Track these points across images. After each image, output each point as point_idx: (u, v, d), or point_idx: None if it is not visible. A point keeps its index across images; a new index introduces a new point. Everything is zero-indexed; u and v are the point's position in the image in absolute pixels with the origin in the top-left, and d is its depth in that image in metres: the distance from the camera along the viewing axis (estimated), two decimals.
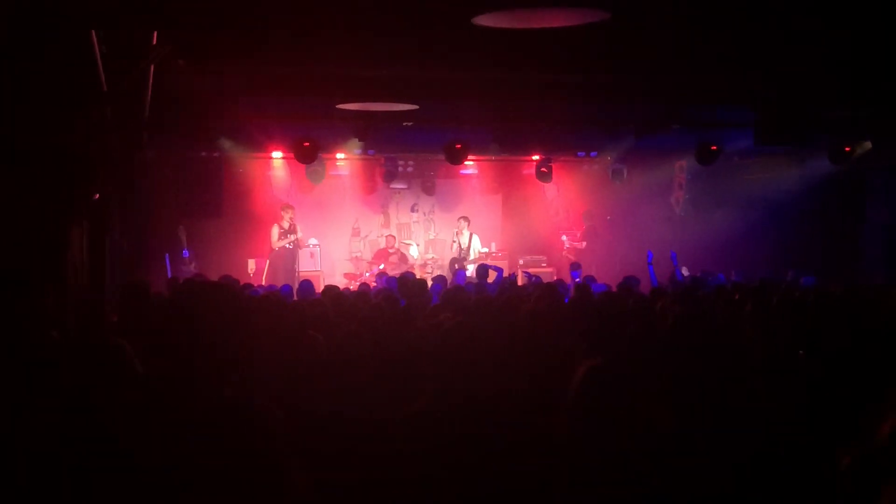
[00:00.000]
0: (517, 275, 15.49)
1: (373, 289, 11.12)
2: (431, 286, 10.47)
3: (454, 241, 16.84)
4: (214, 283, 8.73)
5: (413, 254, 17.29)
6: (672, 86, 11.07)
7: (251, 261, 15.96)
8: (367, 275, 15.88)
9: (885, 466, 2.34)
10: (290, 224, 15.65)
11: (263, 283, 13.97)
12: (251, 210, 16.07)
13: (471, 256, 16.56)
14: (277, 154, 15.55)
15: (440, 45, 8.75)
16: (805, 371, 4.76)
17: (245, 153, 15.14)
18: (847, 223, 15.80)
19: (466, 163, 15.84)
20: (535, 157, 16.09)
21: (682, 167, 16.95)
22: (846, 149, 13.91)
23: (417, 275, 14.19)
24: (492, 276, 12.23)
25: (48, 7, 5.93)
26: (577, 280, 12.76)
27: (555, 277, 14.97)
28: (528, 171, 17.00)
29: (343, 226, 17.53)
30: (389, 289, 9.70)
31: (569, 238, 17.86)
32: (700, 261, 14.58)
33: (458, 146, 13.80)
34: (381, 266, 16.07)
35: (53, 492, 2.81)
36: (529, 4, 7.47)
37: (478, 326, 4.27)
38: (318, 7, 7.16)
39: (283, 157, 15.74)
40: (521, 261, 17.05)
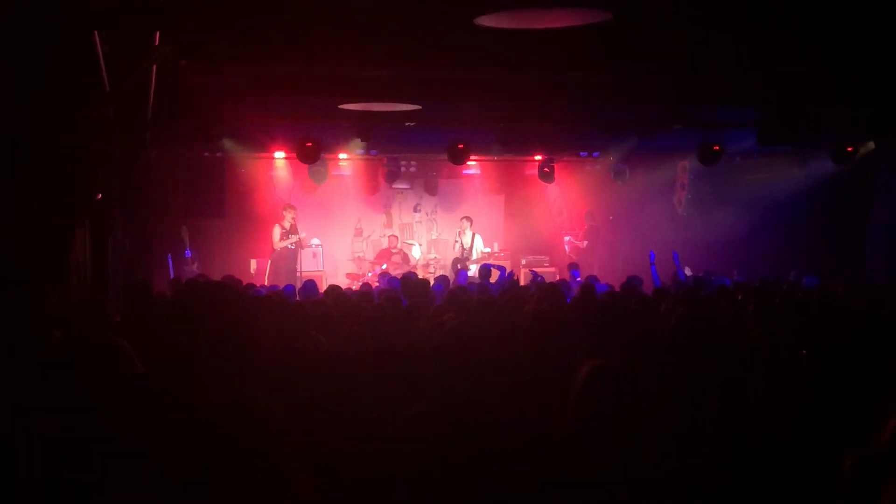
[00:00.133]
0: (514, 273, 15.47)
1: (375, 289, 11.12)
2: (433, 286, 10.46)
3: (457, 241, 16.84)
4: (217, 284, 8.73)
5: (415, 254, 17.29)
6: (674, 86, 11.06)
7: (253, 261, 15.98)
8: (370, 275, 15.88)
9: (887, 467, 2.34)
10: (292, 224, 15.65)
11: (266, 284, 13.97)
12: (254, 210, 16.08)
13: (473, 256, 16.56)
14: (280, 154, 15.56)
15: (442, 46, 8.75)
16: (807, 371, 4.75)
17: (248, 153, 15.15)
18: (850, 223, 15.78)
19: (469, 163, 15.84)
20: (538, 158, 16.09)
21: (685, 167, 16.93)
22: (849, 149, 13.90)
23: (420, 275, 14.19)
24: (494, 276, 12.22)
25: (50, 7, 5.93)
26: (578, 279, 12.76)
27: (557, 277, 14.98)
28: (531, 172, 17.00)
29: (345, 226, 17.53)
30: (392, 289, 9.71)
31: (572, 239, 17.86)
32: (702, 261, 14.56)
33: (461, 146, 13.80)
34: (384, 266, 16.07)
35: (54, 492, 2.82)
36: (531, 5, 7.48)
37: (480, 326, 4.27)
38: (321, 7, 7.16)
39: (286, 158, 15.74)
40: (524, 261, 17.04)
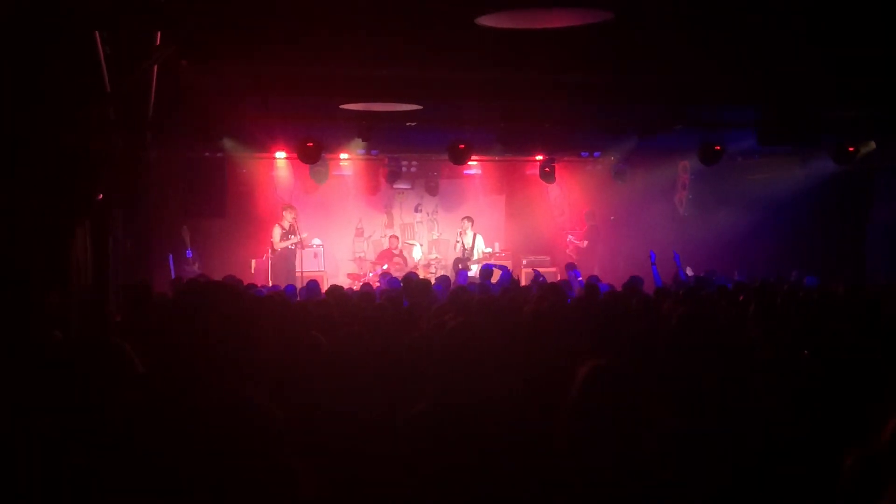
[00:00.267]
0: (511, 273, 15.47)
1: (376, 289, 11.12)
2: (433, 286, 10.47)
3: (458, 242, 16.84)
4: (218, 284, 8.71)
5: (416, 254, 17.29)
6: (675, 86, 11.06)
7: (253, 261, 15.98)
8: (371, 275, 15.88)
9: (888, 467, 2.34)
10: (291, 224, 15.66)
11: (270, 283, 13.98)
12: (255, 210, 16.08)
13: (474, 257, 16.56)
14: (281, 154, 15.55)
15: (444, 46, 8.75)
16: (808, 371, 4.75)
17: (248, 153, 15.15)
18: (850, 223, 15.78)
19: (470, 163, 15.85)
20: (539, 158, 16.09)
21: (686, 167, 16.94)
22: (850, 149, 13.89)
23: (421, 275, 14.19)
24: (496, 276, 12.22)
25: (50, 7, 5.94)
26: (580, 279, 12.75)
27: (559, 277, 14.98)
28: (532, 172, 17.01)
29: (346, 226, 17.52)
30: (393, 289, 9.71)
31: (574, 238, 17.87)
32: (704, 261, 14.57)
33: (462, 146, 13.79)
34: (385, 266, 16.07)
35: (54, 492, 2.82)
36: (532, 5, 7.48)
37: (481, 326, 4.26)
38: (321, 7, 7.16)
39: (287, 158, 15.73)
40: (525, 261, 17.04)
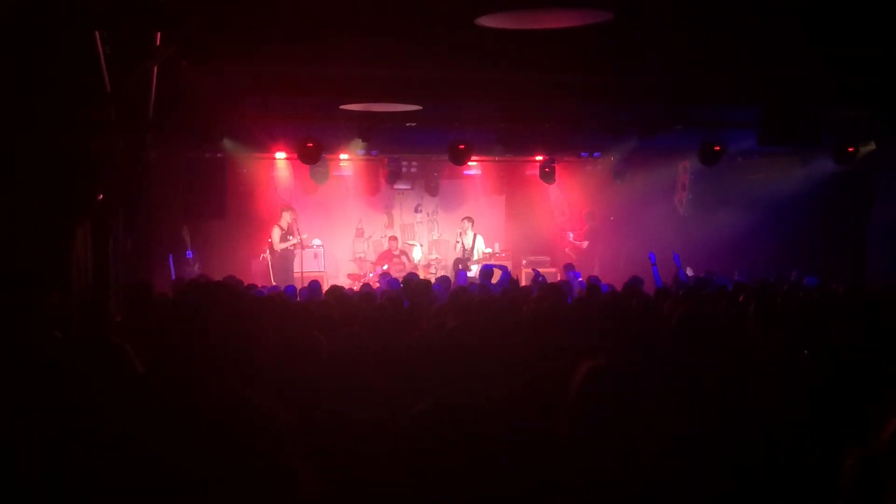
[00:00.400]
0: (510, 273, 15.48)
1: (377, 289, 11.12)
2: (433, 287, 10.47)
3: (458, 242, 16.85)
4: (218, 284, 8.73)
5: (416, 255, 17.29)
6: (675, 86, 11.06)
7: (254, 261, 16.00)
8: (371, 275, 15.89)
9: (888, 467, 2.34)
10: (289, 225, 15.68)
11: (273, 284, 13.97)
12: (255, 211, 16.08)
13: (474, 257, 16.57)
14: (281, 155, 15.55)
15: (443, 46, 8.75)
16: (808, 371, 4.75)
17: (249, 154, 15.14)
18: (850, 223, 15.78)
19: (470, 163, 15.85)
20: (539, 158, 16.09)
21: (686, 167, 16.94)
22: (850, 149, 13.89)
23: (421, 275, 14.19)
24: (496, 276, 12.22)
25: (50, 7, 5.94)
26: (580, 280, 12.76)
27: (558, 277, 14.98)
28: (532, 172, 17.01)
29: (347, 226, 17.53)
30: (393, 290, 9.71)
31: (574, 234, 17.88)
32: (704, 261, 14.57)
33: (462, 147, 13.79)
34: (385, 267, 16.08)
35: (54, 492, 2.82)
36: (532, 5, 7.48)
37: (480, 327, 4.27)
38: (321, 7, 7.16)
39: (287, 158, 15.73)
40: (525, 261, 17.05)
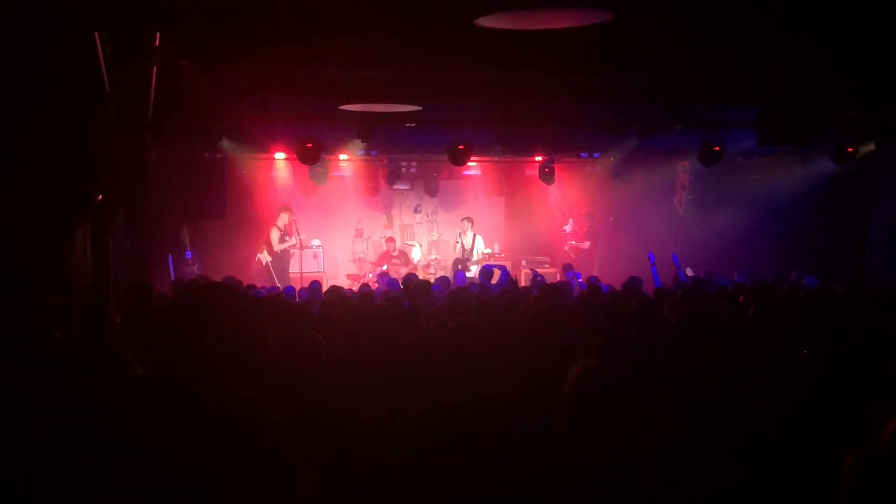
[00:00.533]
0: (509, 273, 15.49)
1: (376, 290, 11.13)
2: (432, 287, 10.48)
3: (457, 242, 16.86)
4: (218, 284, 8.72)
5: (416, 255, 17.30)
6: (675, 86, 11.07)
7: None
8: (371, 276, 15.89)
9: (888, 468, 2.34)
10: (286, 225, 15.69)
11: (278, 285, 13.97)
12: (254, 211, 16.09)
13: (474, 257, 16.57)
14: (280, 155, 15.56)
15: (443, 47, 8.75)
16: (808, 371, 4.75)
17: (248, 154, 15.14)
18: (850, 223, 15.78)
19: (469, 164, 15.85)
20: (538, 158, 16.10)
21: (685, 168, 16.94)
22: (849, 150, 13.90)
23: (420, 276, 14.20)
24: (496, 277, 12.22)
25: (50, 7, 5.94)
26: (580, 280, 12.76)
27: (558, 278, 14.98)
28: (531, 172, 17.01)
29: (346, 227, 17.53)
30: (393, 290, 9.72)
31: (572, 230, 17.89)
32: (703, 261, 14.58)
33: (461, 147, 13.79)
34: (385, 267, 16.08)
35: (54, 492, 2.81)
36: (532, 5, 7.48)
37: (480, 327, 4.27)
38: (321, 7, 7.16)
39: (286, 158, 15.73)
40: (524, 261, 17.06)
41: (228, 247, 15.61)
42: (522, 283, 13.77)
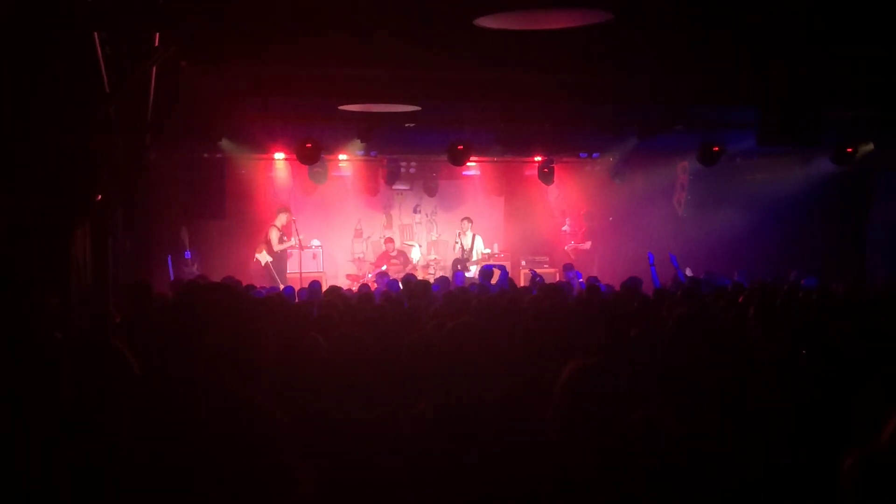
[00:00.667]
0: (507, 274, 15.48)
1: (375, 290, 11.13)
2: (432, 287, 10.48)
3: (457, 243, 16.86)
4: (217, 285, 8.72)
5: (415, 255, 17.29)
6: (674, 86, 11.07)
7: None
8: (370, 276, 15.88)
9: (889, 468, 2.34)
10: (284, 226, 15.70)
11: (280, 285, 13.97)
12: (253, 211, 16.08)
13: (473, 258, 16.57)
14: (280, 155, 15.55)
15: (442, 47, 8.75)
16: (808, 372, 4.75)
17: (248, 154, 15.14)
18: (850, 223, 15.77)
19: (469, 164, 15.84)
20: (538, 159, 16.10)
21: (685, 168, 16.94)
22: (848, 150, 13.89)
23: (419, 276, 14.20)
24: (495, 277, 12.22)
25: (50, 7, 5.93)
26: (581, 280, 12.76)
27: (557, 278, 14.98)
28: (531, 173, 17.01)
29: (345, 227, 17.53)
30: (393, 290, 9.72)
31: (570, 230, 17.89)
32: (703, 262, 14.57)
33: (461, 147, 13.79)
34: (384, 267, 16.08)
35: (54, 493, 2.81)
36: (531, 6, 7.48)
37: (480, 327, 4.26)
38: (321, 8, 7.17)
39: (286, 159, 15.73)
40: (524, 262, 17.06)
41: (228, 247, 15.61)
42: (522, 284, 13.76)
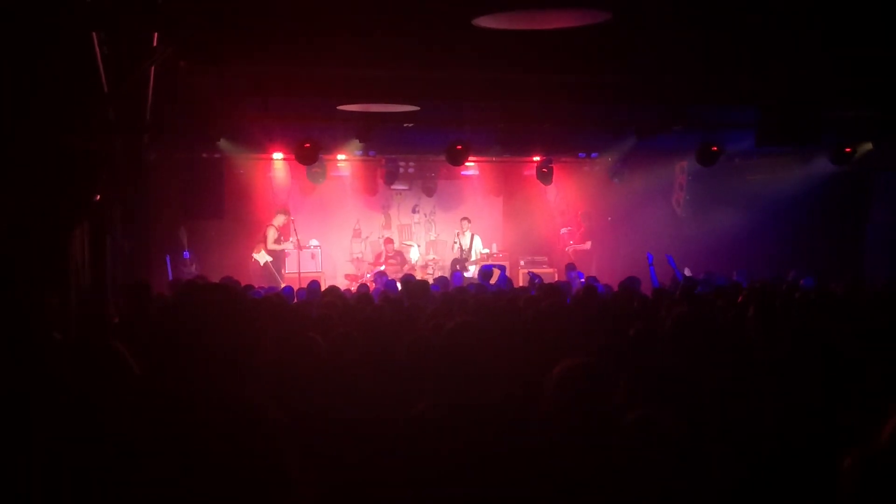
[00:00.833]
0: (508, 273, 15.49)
1: (374, 290, 11.13)
2: (431, 287, 10.48)
3: (455, 243, 16.85)
4: (216, 285, 8.72)
5: (414, 255, 17.30)
6: (673, 86, 11.07)
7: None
8: (369, 276, 15.89)
9: (889, 468, 2.34)
10: (282, 226, 15.69)
11: (282, 284, 13.98)
12: (252, 211, 16.08)
13: (472, 258, 16.57)
14: (278, 155, 15.54)
15: (441, 47, 8.75)
16: (808, 372, 4.74)
17: (246, 154, 15.14)
18: (850, 223, 15.78)
19: (467, 164, 15.83)
20: (536, 159, 16.09)
21: (683, 168, 16.95)
22: (847, 150, 13.90)
23: (418, 276, 14.20)
24: (495, 277, 12.22)
25: (50, 7, 5.93)
26: (582, 280, 12.76)
27: (556, 278, 14.99)
28: (529, 173, 17.00)
29: (344, 227, 17.53)
30: (391, 290, 9.72)
31: (569, 233, 17.89)
32: (702, 262, 14.57)
33: (459, 147, 13.78)
34: (383, 268, 16.08)
35: (54, 493, 2.81)
36: (530, 6, 7.48)
37: (479, 327, 4.26)
38: (320, 8, 7.16)
39: (284, 159, 15.72)
40: (522, 261, 17.06)
41: (226, 247, 15.60)
42: (520, 284, 13.76)
